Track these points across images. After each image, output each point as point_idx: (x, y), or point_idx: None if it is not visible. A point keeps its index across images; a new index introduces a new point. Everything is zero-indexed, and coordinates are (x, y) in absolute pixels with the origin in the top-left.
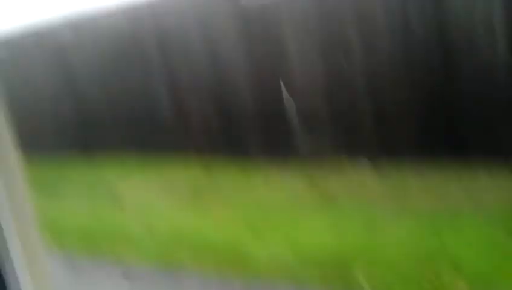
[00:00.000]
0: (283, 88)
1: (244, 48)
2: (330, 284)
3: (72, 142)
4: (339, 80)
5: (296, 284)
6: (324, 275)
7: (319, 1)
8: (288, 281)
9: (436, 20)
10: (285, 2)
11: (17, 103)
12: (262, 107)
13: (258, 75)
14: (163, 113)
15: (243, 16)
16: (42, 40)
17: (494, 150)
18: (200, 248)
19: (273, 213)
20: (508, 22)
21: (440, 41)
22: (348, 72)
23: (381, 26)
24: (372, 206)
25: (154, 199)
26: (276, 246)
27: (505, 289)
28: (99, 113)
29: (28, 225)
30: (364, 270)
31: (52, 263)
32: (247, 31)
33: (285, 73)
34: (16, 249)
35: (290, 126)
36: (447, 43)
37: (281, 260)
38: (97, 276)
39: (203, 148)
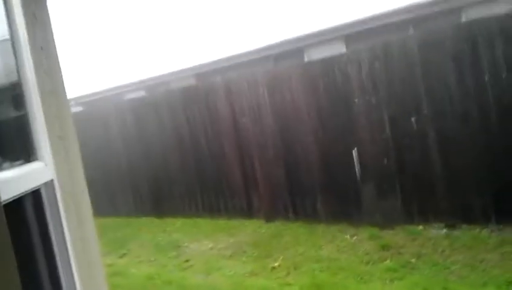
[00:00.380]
0: (355, 154)
1: (311, 108)
2: None
3: (148, 206)
4: (409, 142)
5: None
6: None
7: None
8: None
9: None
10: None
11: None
12: (331, 169)
13: (325, 136)
14: (232, 179)
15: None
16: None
17: None
18: None
19: (341, 275)
20: None
21: None
22: (419, 134)
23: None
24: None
25: (220, 260)
26: None
27: None
28: (171, 179)
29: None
30: None
31: None
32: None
33: (353, 135)
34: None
35: (361, 191)
36: None
37: None
38: None
39: (270, 211)
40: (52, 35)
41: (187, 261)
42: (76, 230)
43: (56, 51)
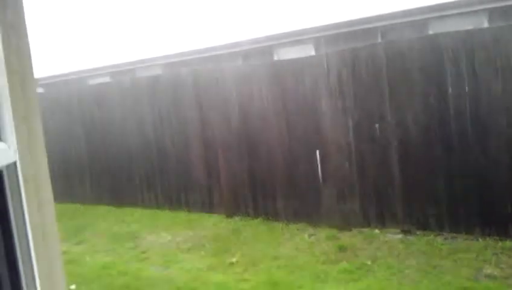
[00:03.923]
0: (318, 156)
1: (276, 110)
2: None
3: (106, 195)
4: (371, 148)
5: None
6: None
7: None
8: None
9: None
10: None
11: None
12: (293, 169)
13: (291, 137)
14: (195, 173)
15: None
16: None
17: None
18: None
19: (297, 273)
20: None
21: (473, 118)
22: (382, 141)
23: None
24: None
25: (178, 253)
26: None
27: None
28: (132, 169)
29: (54, 261)
30: None
31: None
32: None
33: (318, 137)
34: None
35: (322, 192)
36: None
37: None
38: None
39: (231, 207)
40: (23, 14)
41: (144, 252)
42: (37, 215)
43: (27, 30)
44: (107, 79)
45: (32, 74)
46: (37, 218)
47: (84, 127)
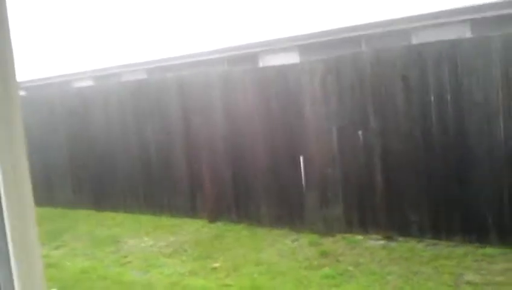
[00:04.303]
0: (301, 161)
1: (262, 116)
2: None
3: (87, 198)
4: (354, 155)
5: None
6: None
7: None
8: None
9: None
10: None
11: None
12: (277, 175)
13: (275, 143)
14: (178, 177)
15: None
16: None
17: (506, 232)
18: None
19: (280, 279)
20: None
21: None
22: (365, 148)
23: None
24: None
25: (160, 258)
26: None
27: None
28: (114, 173)
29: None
30: None
31: None
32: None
33: (301, 143)
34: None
35: (305, 198)
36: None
37: None
38: None
39: (214, 212)
40: (6, 14)
41: (125, 257)
42: (17, 219)
43: (9, 31)
44: (90, 83)
45: (14, 75)
46: (17, 221)
47: (67, 130)
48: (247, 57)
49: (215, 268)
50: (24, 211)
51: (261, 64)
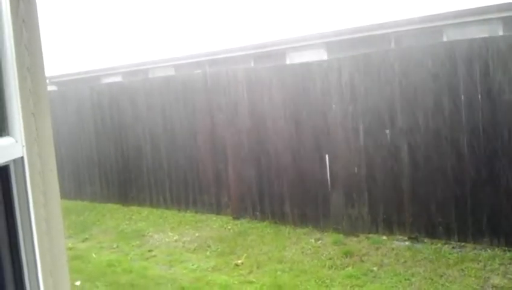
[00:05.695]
0: (327, 160)
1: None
2: None
3: (115, 193)
4: (381, 154)
5: None
6: None
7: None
8: None
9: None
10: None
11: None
12: (302, 173)
13: (300, 141)
14: (204, 174)
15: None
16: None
17: None
18: None
19: (302, 277)
20: None
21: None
22: (392, 147)
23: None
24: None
25: (184, 253)
26: None
27: None
28: (141, 168)
29: (58, 256)
30: None
31: None
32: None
33: (328, 141)
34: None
35: (330, 197)
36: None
37: None
38: None
39: (239, 209)
40: (36, 8)
41: (150, 251)
42: (42, 210)
43: (38, 25)
44: (119, 79)
45: (43, 69)
46: (43, 213)
47: (96, 125)
48: (274, 55)
49: (238, 264)
50: (50, 203)
51: (288, 62)
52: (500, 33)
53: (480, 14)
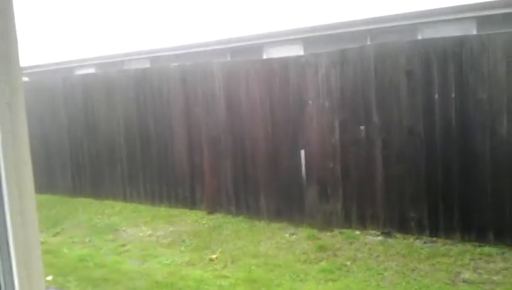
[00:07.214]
0: (302, 155)
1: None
2: None
3: (87, 186)
4: (356, 150)
5: None
6: None
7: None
8: None
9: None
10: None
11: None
12: (277, 168)
13: (276, 136)
14: (179, 168)
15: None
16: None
17: (505, 231)
18: None
19: (277, 272)
20: None
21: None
22: (366, 143)
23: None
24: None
25: (158, 248)
26: None
27: None
28: (115, 162)
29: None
30: None
31: None
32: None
33: (303, 136)
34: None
35: (305, 192)
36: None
37: None
38: None
39: (213, 204)
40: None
41: (123, 245)
42: (17, 203)
43: (14, 14)
44: (92, 70)
45: (17, 59)
46: (17, 206)
47: (68, 117)
48: (251, 49)
49: (212, 259)
50: (24, 196)
51: (264, 57)
52: (474, 32)
53: (455, 13)
